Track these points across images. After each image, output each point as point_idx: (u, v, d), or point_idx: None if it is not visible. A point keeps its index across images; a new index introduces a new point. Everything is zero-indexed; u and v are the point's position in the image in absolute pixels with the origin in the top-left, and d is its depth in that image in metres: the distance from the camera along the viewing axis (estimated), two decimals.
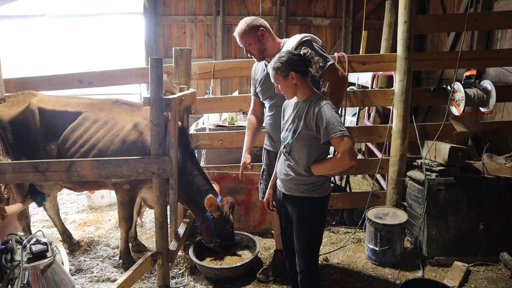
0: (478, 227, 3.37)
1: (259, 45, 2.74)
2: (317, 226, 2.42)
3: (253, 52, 2.77)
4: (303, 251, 2.40)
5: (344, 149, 2.16)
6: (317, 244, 2.47)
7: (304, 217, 2.36)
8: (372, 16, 7.95)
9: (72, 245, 3.66)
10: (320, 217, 2.42)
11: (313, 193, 2.33)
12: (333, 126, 2.16)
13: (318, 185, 2.33)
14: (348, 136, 2.17)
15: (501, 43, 4.81)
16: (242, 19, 2.78)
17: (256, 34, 2.71)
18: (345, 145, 2.15)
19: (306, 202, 2.34)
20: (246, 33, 2.72)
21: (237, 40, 2.79)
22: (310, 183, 2.32)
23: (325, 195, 2.38)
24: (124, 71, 3.87)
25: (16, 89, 3.61)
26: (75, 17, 8.51)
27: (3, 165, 2.68)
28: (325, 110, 2.19)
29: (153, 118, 2.60)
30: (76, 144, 3.13)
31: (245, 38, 2.73)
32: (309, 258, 2.42)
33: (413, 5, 3.50)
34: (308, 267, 2.40)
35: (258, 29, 2.72)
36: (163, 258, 2.85)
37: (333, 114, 2.19)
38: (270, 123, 2.92)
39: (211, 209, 3.10)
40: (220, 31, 8.15)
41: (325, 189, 2.37)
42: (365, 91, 3.95)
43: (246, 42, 2.74)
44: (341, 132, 2.15)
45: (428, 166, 3.45)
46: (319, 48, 2.75)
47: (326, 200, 2.42)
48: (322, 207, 2.40)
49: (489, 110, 3.59)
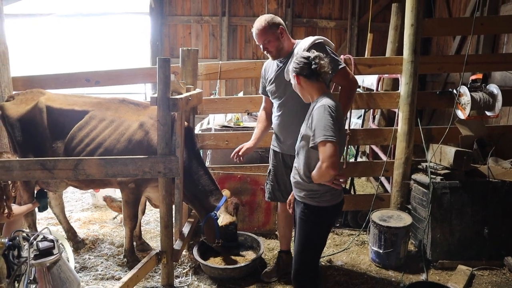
0: (482, 231, 3.36)
1: (277, 43, 2.73)
2: (312, 236, 2.32)
3: (270, 49, 2.74)
4: (296, 257, 2.37)
5: (323, 156, 2.05)
6: (311, 254, 2.36)
7: (301, 222, 2.33)
8: (378, 19, 7.94)
9: (77, 243, 3.68)
10: (316, 227, 2.31)
11: (312, 201, 2.27)
12: (318, 130, 2.08)
13: (318, 194, 2.25)
14: (332, 142, 2.04)
15: (507, 47, 4.80)
16: (259, 17, 2.77)
17: (276, 32, 2.71)
18: (324, 152, 2.04)
19: (305, 208, 2.30)
20: (266, 30, 2.70)
21: (255, 37, 2.76)
22: (310, 189, 2.27)
23: (323, 205, 2.26)
24: (131, 70, 3.89)
25: (24, 87, 3.63)
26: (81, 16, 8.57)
27: (11, 162, 2.71)
28: (316, 113, 2.13)
29: (160, 117, 2.62)
30: (82, 142, 3.15)
31: (265, 35, 2.70)
32: (300, 266, 2.37)
33: (420, 8, 3.50)
34: (298, 275, 2.36)
35: (278, 27, 2.72)
36: (168, 257, 2.86)
37: (323, 117, 2.10)
38: (278, 123, 2.93)
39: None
40: (226, 32, 8.17)
41: (325, 200, 2.26)
42: (371, 93, 3.96)
43: (265, 39, 2.72)
44: (324, 137, 2.04)
45: (433, 169, 3.45)
46: (331, 51, 2.75)
47: (325, 212, 2.28)
48: (319, 218, 2.30)
49: (495, 114, 3.59)
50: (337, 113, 2.19)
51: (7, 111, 3.20)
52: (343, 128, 2.38)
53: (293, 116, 2.76)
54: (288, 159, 2.89)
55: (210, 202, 3.14)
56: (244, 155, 3.02)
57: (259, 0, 8.19)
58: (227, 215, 3.08)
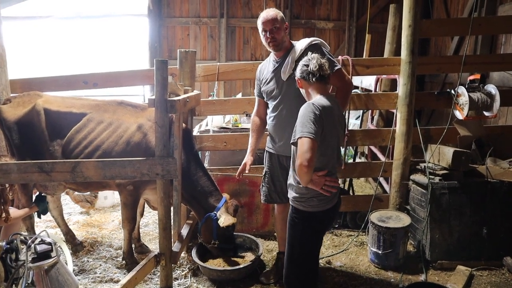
0: (481, 231, 3.36)
1: (283, 34, 2.81)
2: (301, 239, 2.27)
3: (276, 36, 2.77)
4: (285, 260, 2.34)
5: (298, 153, 2.03)
6: (300, 258, 2.30)
7: (289, 225, 2.32)
8: (376, 20, 7.94)
9: (75, 246, 3.67)
10: (305, 231, 2.27)
11: (298, 205, 2.27)
12: (298, 126, 2.08)
13: (305, 198, 2.23)
14: (308, 137, 2.02)
15: (505, 47, 4.81)
16: (265, 10, 2.83)
17: (283, 24, 2.81)
18: (299, 148, 2.03)
19: (293, 212, 2.30)
20: (277, 18, 2.78)
21: (263, 23, 2.77)
22: (298, 192, 2.26)
23: (309, 210, 2.22)
24: (129, 72, 3.89)
25: (22, 89, 3.63)
26: (80, 18, 8.55)
27: (9, 165, 2.70)
28: (301, 111, 2.14)
29: (158, 119, 2.62)
30: (80, 145, 3.15)
31: (275, 21, 2.76)
32: (289, 269, 2.33)
33: (418, 9, 3.51)
34: (287, 278, 2.34)
35: (285, 21, 2.84)
36: (166, 259, 2.85)
37: (305, 114, 2.10)
38: (274, 124, 2.93)
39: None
40: (224, 33, 8.18)
41: (311, 205, 2.21)
42: (369, 94, 3.96)
43: (274, 25, 2.76)
44: (301, 133, 2.04)
45: (432, 170, 3.44)
46: (327, 52, 2.80)
47: (313, 217, 2.23)
48: (307, 222, 2.25)
49: (493, 114, 3.59)
50: (324, 112, 2.14)
51: (4, 114, 3.20)
52: (336, 130, 2.32)
53: (289, 116, 2.76)
54: (284, 160, 2.89)
55: (210, 202, 3.14)
56: (247, 170, 3.04)
57: (257, 2, 8.19)
58: (228, 215, 3.07)
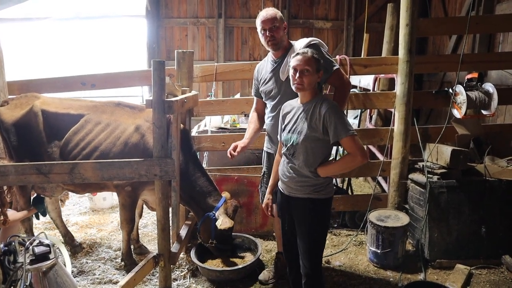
0: (480, 230, 3.36)
1: (282, 33, 2.81)
2: (321, 228, 2.44)
3: (275, 35, 2.78)
4: (309, 253, 2.40)
5: (356, 148, 2.24)
6: (322, 246, 2.49)
7: (309, 218, 2.37)
8: (374, 19, 7.95)
9: (74, 247, 3.67)
10: (324, 219, 2.45)
11: (319, 194, 2.35)
12: (342, 126, 2.23)
13: (324, 186, 2.36)
14: (357, 135, 2.26)
15: (503, 46, 4.81)
16: (264, 9, 2.84)
17: (282, 23, 2.82)
18: (356, 144, 2.24)
19: (312, 203, 2.36)
20: (276, 17, 2.78)
21: (262, 22, 2.78)
22: (316, 184, 2.34)
23: (329, 196, 2.42)
24: (127, 73, 3.89)
25: (20, 91, 3.62)
26: (78, 19, 8.54)
27: (7, 167, 2.69)
28: (334, 112, 2.26)
29: (156, 120, 2.61)
30: (78, 146, 3.14)
31: (275, 20, 2.77)
32: (315, 260, 2.43)
33: (415, 8, 3.50)
34: (313, 269, 2.41)
35: (283, 21, 2.84)
36: (165, 260, 2.84)
37: (341, 115, 2.28)
38: (272, 124, 2.93)
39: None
40: (222, 33, 8.17)
41: (330, 191, 2.41)
42: (367, 93, 3.96)
43: (273, 24, 2.76)
44: (351, 132, 2.23)
45: (430, 169, 3.45)
46: (326, 52, 2.81)
47: (330, 202, 2.45)
48: (326, 209, 2.43)
49: (490, 113, 3.59)
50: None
51: (2, 116, 3.19)
52: None
53: None
54: None
55: (209, 202, 3.13)
56: (239, 154, 2.99)
57: (255, 2, 8.19)
58: (226, 218, 3.04)
